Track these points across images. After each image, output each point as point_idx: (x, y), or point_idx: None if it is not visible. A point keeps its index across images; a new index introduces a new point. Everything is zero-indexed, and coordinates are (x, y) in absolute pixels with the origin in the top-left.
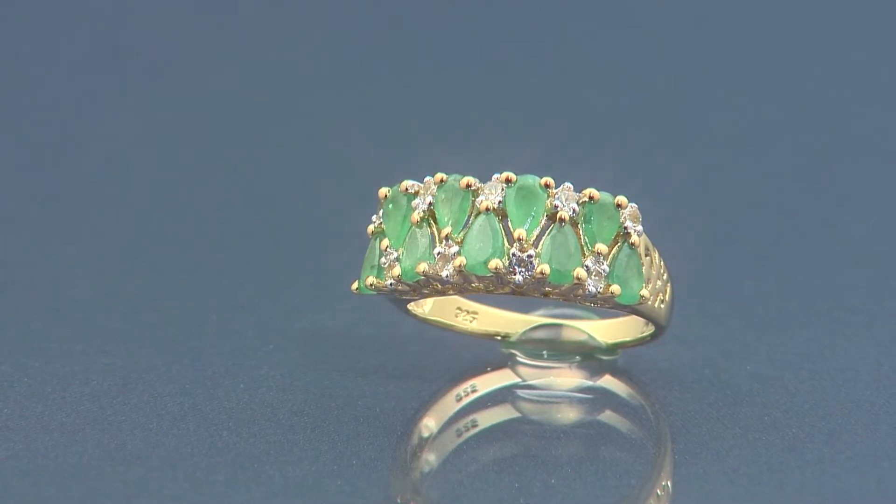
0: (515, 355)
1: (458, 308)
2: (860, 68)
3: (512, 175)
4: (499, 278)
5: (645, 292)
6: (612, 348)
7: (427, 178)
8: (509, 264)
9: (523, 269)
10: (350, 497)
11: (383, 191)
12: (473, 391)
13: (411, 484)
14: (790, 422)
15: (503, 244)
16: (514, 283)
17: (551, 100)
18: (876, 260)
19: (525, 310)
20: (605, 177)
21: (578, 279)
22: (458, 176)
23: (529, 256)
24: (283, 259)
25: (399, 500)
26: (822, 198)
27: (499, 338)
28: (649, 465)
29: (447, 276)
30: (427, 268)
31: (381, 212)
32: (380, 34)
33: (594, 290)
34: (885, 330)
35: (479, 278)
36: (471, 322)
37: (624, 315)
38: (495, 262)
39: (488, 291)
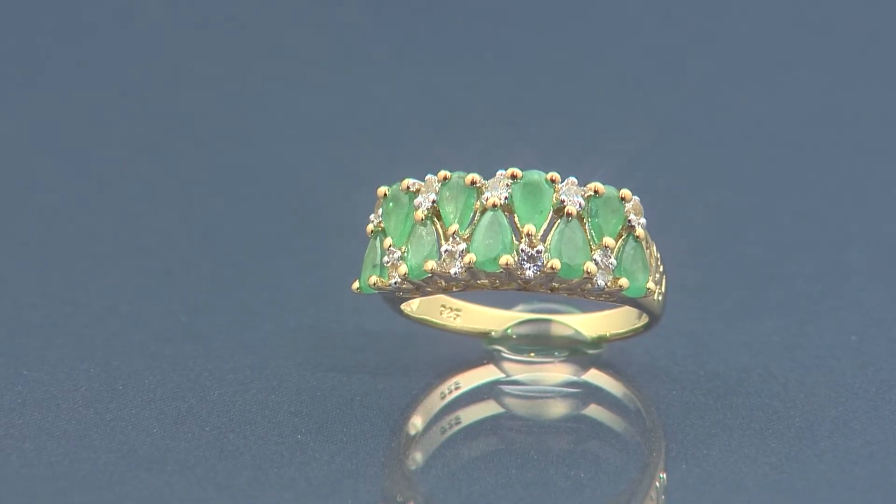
0: (500, 351)
1: (443, 305)
2: (810, 67)
3: (518, 171)
4: (508, 274)
5: (651, 284)
6: (598, 341)
7: (428, 176)
8: (519, 260)
9: (533, 265)
10: (377, 497)
11: (382, 189)
12: (457, 388)
13: (403, 482)
14: (791, 412)
15: (511, 240)
16: (524, 278)
17: (545, 98)
18: (823, 247)
19: (508, 306)
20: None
21: (588, 273)
22: (462, 173)
23: (538, 252)
24: (236, 260)
25: (398, 499)
26: (770, 189)
27: (490, 334)
28: (642, 458)
29: (456, 274)
30: (435, 265)
31: (379, 210)
32: (377, 30)
33: (602, 283)
34: (850, 316)
35: (488, 275)
36: (454, 319)
37: (610, 308)
38: (506, 258)
39: (494, 288)
